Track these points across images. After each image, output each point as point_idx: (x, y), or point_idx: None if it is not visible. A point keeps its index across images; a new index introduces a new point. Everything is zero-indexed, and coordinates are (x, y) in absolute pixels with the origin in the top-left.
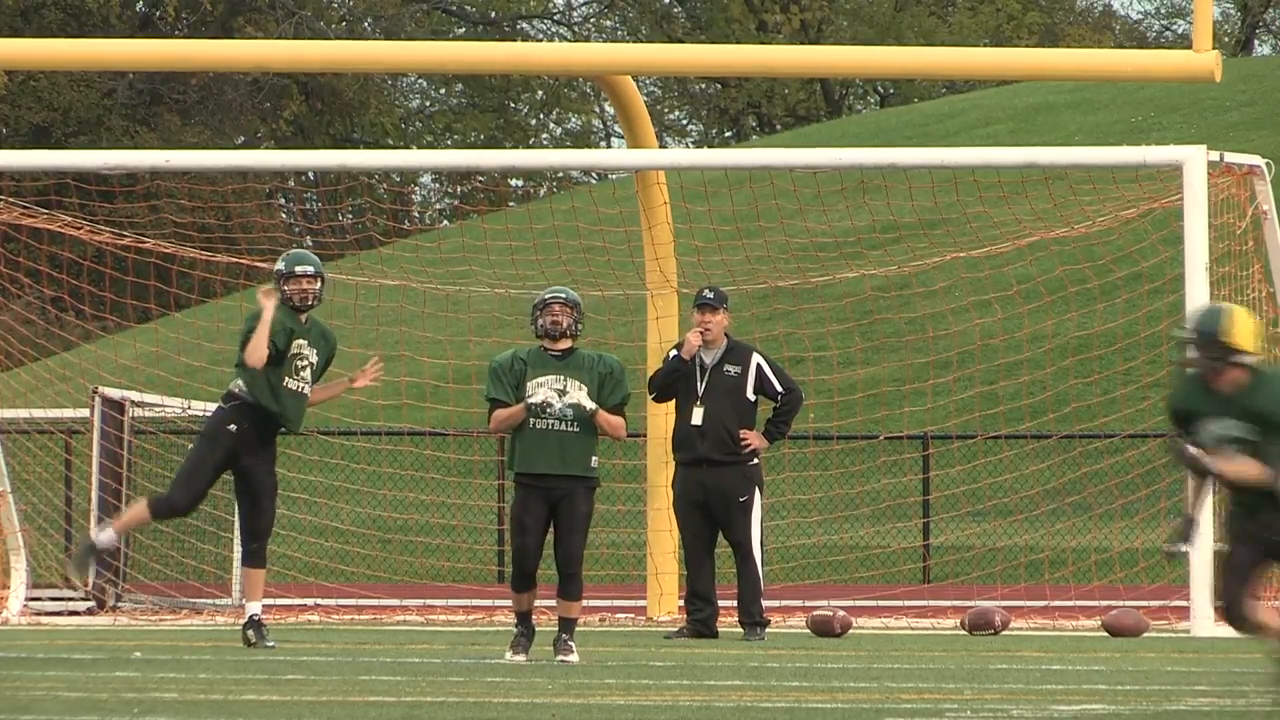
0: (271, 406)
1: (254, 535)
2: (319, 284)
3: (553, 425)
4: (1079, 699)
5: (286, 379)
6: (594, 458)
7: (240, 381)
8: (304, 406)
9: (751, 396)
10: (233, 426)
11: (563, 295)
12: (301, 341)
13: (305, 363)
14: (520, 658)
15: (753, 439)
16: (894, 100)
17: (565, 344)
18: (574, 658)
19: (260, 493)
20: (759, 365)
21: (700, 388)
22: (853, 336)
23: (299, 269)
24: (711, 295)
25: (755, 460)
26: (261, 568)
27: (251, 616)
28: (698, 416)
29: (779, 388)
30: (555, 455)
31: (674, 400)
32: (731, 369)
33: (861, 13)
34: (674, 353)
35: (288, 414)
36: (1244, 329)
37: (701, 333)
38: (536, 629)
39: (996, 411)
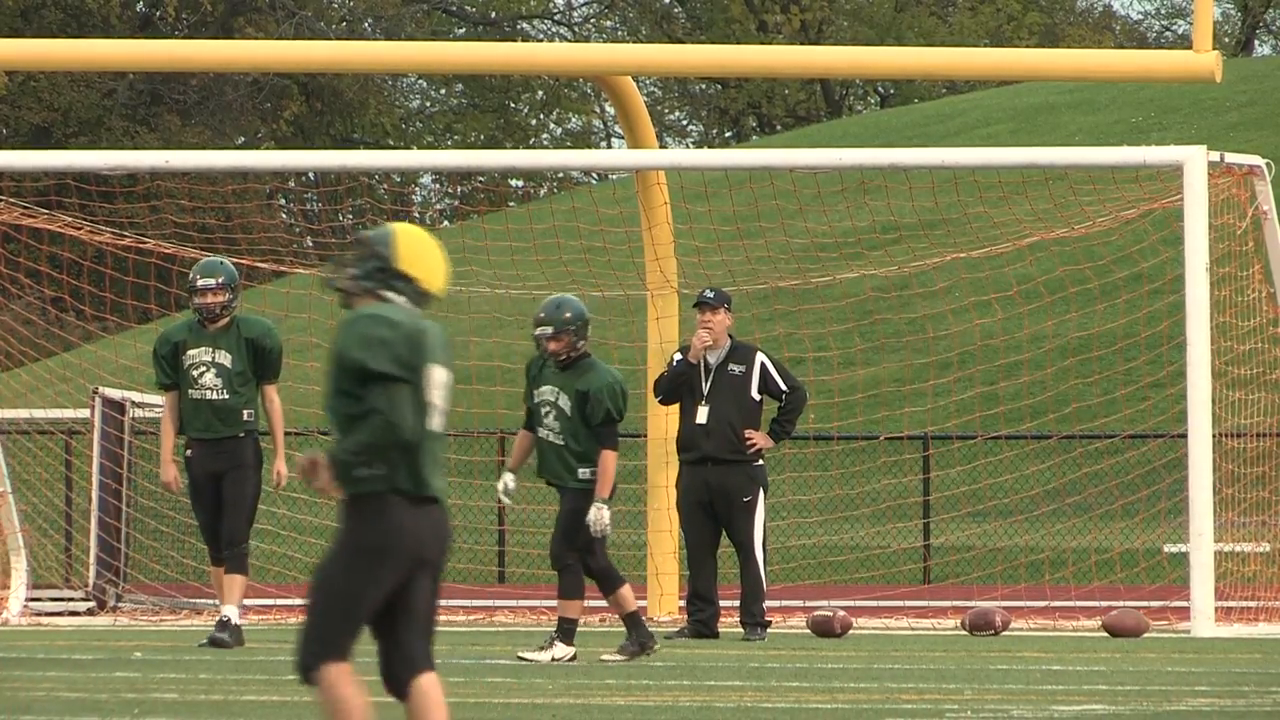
0: (189, 423)
1: (228, 541)
2: (227, 294)
3: (546, 435)
4: (1079, 699)
5: (189, 390)
6: (582, 469)
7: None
8: (218, 409)
9: (756, 396)
10: (189, 451)
11: (550, 329)
12: (195, 350)
13: (203, 370)
14: (618, 658)
15: (758, 439)
16: (894, 100)
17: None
18: (542, 657)
19: (226, 502)
20: (763, 364)
21: (705, 387)
22: (853, 337)
23: (200, 283)
24: (712, 295)
25: (760, 460)
26: (238, 574)
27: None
28: (702, 415)
29: (783, 386)
30: (546, 462)
31: (679, 402)
32: (736, 368)
33: (861, 13)
34: (678, 356)
35: (195, 424)
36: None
37: (704, 331)
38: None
39: (997, 412)
